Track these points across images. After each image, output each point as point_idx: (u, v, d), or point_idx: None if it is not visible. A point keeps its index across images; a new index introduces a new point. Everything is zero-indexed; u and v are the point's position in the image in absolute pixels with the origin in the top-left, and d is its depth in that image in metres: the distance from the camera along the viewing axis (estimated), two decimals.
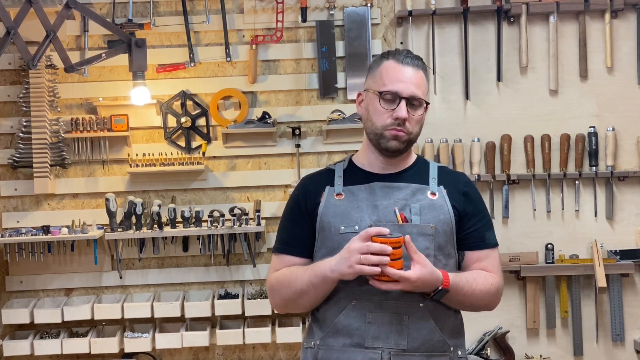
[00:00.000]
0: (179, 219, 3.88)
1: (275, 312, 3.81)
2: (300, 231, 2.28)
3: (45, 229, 3.83)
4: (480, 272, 2.25)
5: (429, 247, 2.19)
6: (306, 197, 2.30)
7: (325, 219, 2.24)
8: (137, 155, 3.91)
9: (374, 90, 2.23)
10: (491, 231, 2.32)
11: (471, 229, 2.28)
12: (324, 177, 2.33)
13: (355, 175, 2.30)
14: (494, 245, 2.31)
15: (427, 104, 2.25)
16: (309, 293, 2.20)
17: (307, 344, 2.29)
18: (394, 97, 2.20)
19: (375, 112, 2.22)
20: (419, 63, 2.25)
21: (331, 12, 3.95)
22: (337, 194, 2.27)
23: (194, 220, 3.88)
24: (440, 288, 2.12)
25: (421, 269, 2.08)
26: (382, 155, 2.27)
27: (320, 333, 2.24)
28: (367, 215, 2.21)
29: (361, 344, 2.18)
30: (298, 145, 3.94)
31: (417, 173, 2.30)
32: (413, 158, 2.34)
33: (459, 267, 2.30)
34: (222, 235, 3.88)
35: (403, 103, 2.19)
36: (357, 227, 2.19)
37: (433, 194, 2.26)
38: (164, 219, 3.85)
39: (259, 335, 3.85)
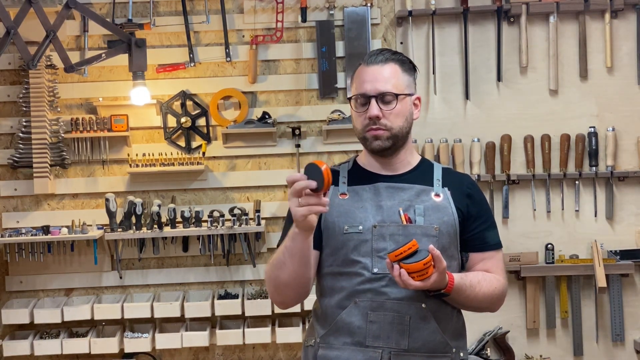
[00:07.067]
0: (178, 219, 3.87)
1: (277, 309, 3.80)
2: None
3: (45, 229, 3.82)
4: (487, 275, 2.25)
5: None
6: None
7: (329, 218, 2.23)
8: (137, 155, 3.91)
9: (350, 97, 2.28)
10: (495, 233, 2.32)
11: (475, 231, 2.28)
12: None
13: (359, 175, 2.30)
14: (498, 247, 2.31)
15: (402, 95, 2.22)
16: (285, 262, 2.12)
17: (307, 342, 2.29)
18: (364, 99, 2.22)
19: (354, 117, 2.27)
20: (387, 57, 2.25)
21: (331, 12, 3.95)
22: (341, 194, 2.27)
23: (193, 220, 3.87)
24: (442, 291, 2.13)
25: (438, 275, 2.06)
26: (375, 158, 2.28)
27: (322, 331, 2.24)
28: (371, 215, 2.21)
29: (362, 342, 2.18)
30: (298, 146, 3.94)
31: (422, 174, 2.30)
32: (417, 159, 2.34)
33: (462, 268, 2.30)
34: (222, 235, 3.88)
35: (372, 101, 2.20)
36: (360, 227, 2.19)
37: (437, 195, 2.26)
38: (163, 219, 3.85)
39: (259, 335, 3.85)
